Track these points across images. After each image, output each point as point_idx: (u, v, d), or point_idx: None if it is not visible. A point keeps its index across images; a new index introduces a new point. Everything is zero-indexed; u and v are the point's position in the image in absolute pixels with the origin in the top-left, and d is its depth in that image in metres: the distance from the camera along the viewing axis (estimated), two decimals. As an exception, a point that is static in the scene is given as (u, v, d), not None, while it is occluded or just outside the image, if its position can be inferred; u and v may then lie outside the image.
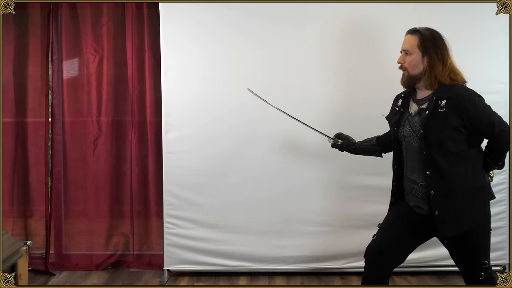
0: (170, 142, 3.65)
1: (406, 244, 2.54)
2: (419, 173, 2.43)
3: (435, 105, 2.38)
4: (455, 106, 2.35)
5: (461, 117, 2.34)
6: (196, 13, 3.61)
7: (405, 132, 2.48)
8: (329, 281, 3.66)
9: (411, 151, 2.47)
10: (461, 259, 2.49)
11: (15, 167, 3.96)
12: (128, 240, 4.01)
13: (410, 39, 2.48)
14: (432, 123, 2.37)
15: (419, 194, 2.45)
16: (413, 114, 2.48)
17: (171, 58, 3.62)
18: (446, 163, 2.36)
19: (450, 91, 2.38)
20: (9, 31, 3.87)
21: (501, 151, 2.45)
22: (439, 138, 2.36)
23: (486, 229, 2.45)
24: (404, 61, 2.48)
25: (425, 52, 2.44)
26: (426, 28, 2.50)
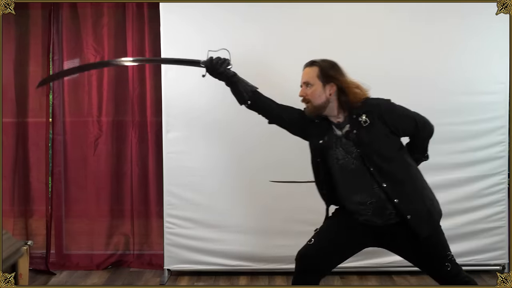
0: (170, 142, 3.66)
1: (343, 252, 2.55)
2: (366, 192, 2.41)
3: (357, 122, 2.42)
4: (377, 116, 2.41)
5: (385, 124, 2.41)
6: (196, 13, 3.61)
7: (339, 155, 2.46)
8: (329, 281, 3.66)
9: (350, 174, 2.44)
10: (426, 258, 2.49)
11: (16, 167, 3.97)
12: (129, 240, 4.01)
13: (309, 71, 2.51)
14: (365, 139, 2.40)
15: (369, 212, 2.43)
16: (340, 136, 2.47)
17: (171, 58, 3.62)
18: (392, 169, 2.40)
19: (364, 106, 2.44)
20: (10, 31, 3.88)
21: (426, 142, 2.57)
22: (377, 149, 2.39)
23: (439, 224, 2.50)
24: (306, 94, 2.50)
25: (325, 81, 2.46)
26: (323, 59, 2.53)
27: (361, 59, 3.58)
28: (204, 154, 3.66)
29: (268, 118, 2.69)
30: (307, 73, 2.52)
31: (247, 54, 3.61)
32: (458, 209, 3.64)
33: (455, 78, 3.62)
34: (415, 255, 2.51)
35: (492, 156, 3.62)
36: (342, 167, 2.45)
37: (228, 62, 2.65)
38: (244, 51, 3.61)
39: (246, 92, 2.64)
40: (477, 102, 3.62)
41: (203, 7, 3.61)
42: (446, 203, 3.61)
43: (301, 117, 2.60)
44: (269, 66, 3.61)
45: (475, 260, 3.66)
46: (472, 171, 3.63)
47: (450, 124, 3.60)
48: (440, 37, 3.59)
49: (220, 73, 2.64)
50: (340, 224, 2.53)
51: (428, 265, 2.50)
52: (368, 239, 2.52)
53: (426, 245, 2.44)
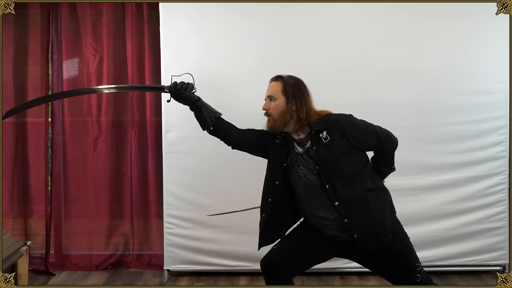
0: (170, 142, 3.66)
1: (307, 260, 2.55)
2: (327, 208, 2.42)
3: (317, 139, 2.42)
4: (338, 132, 2.40)
5: (347, 140, 2.39)
6: (196, 13, 3.61)
7: (300, 173, 2.46)
8: (329, 281, 3.66)
9: (313, 190, 2.44)
10: (392, 271, 2.51)
11: (15, 167, 3.97)
12: (128, 240, 4.01)
13: (274, 86, 2.50)
14: (323, 155, 2.39)
15: (333, 226, 2.43)
16: (301, 153, 2.47)
17: (171, 58, 3.61)
18: (349, 188, 2.39)
19: (325, 122, 2.43)
20: (9, 31, 3.88)
21: (391, 154, 2.57)
22: (335, 166, 2.38)
23: (401, 237, 2.49)
24: (269, 107, 2.49)
25: (288, 96, 2.46)
26: (289, 75, 2.52)
27: (361, 59, 3.59)
28: (204, 154, 3.65)
29: (230, 144, 2.68)
30: (272, 87, 2.51)
31: (247, 53, 3.61)
32: (458, 209, 3.64)
33: (455, 78, 3.62)
34: (382, 268, 2.52)
35: (492, 156, 3.62)
36: (305, 184, 2.46)
37: (192, 86, 2.62)
38: (245, 50, 3.62)
39: (209, 118, 2.62)
40: (477, 102, 3.62)
41: (203, 7, 3.60)
42: (446, 203, 3.65)
43: (262, 136, 2.60)
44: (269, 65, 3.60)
45: (475, 261, 3.66)
46: (472, 171, 3.63)
47: (450, 124, 3.60)
48: (440, 37, 3.58)
49: (184, 97, 2.60)
50: (306, 231, 2.54)
51: (396, 276, 2.51)
52: (333, 249, 2.53)
53: (391, 257, 2.46)
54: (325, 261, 2.60)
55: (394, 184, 3.52)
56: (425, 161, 3.61)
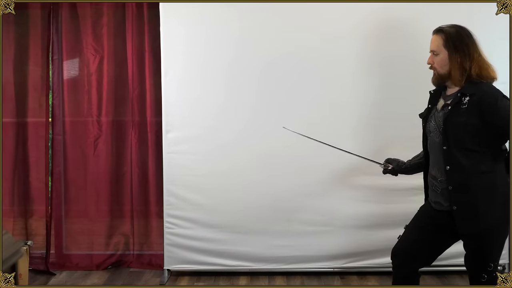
0: (170, 142, 3.66)
1: (431, 243, 2.55)
2: (439, 168, 2.45)
3: (458, 101, 2.40)
4: (477, 103, 2.35)
5: (481, 114, 2.34)
6: (196, 13, 3.61)
7: (431, 127, 2.51)
8: (329, 281, 3.66)
9: (434, 146, 2.49)
10: (470, 257, 2.49)
11: (16, 167, 3.97)
12: (128, 240, 4.01)
13: (436, 39, 2.50)
14: (453, 118, 2.39)
15: (438, 189, 2.47)
16: (438, 109, 2.50)
17: (171, 58, 3.62)
18: (465, 158, 2.37)
19: (475, 89, 2.38)
20: (9, 31, 3.88)
21: None
22: (459, 133, 2.37)
23: (502, 230, 2.44)
24: (433, 62, 2.51)
25: (452, 50, 2.44)
26: (451, 25, 2.50)
27: (360, 59, 3.59)
28: (204, 154, 3.65)
29: None
30: (433, 41, 2.50)
31: (247, 53, 3.61)
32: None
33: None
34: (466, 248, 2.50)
35: (492, 156, 3.62)
36: (431, 139, 2.50)
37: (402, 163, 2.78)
38: (245, 50, 3.62)
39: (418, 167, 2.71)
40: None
41: (203, 7, 3.60)
42: (446, 203, 3.64)
43: None
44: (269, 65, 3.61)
45: (475, 260, 3.65)
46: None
47: (450, 124, 3.60)
48: (440, 37, 3.58)
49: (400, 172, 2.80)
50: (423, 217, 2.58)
51: (469, 264, 2.51)
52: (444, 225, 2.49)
53: (469, 245, 2.45)
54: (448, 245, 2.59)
55: (394, 184, 3.55)
56: (425, 161, 3.61)
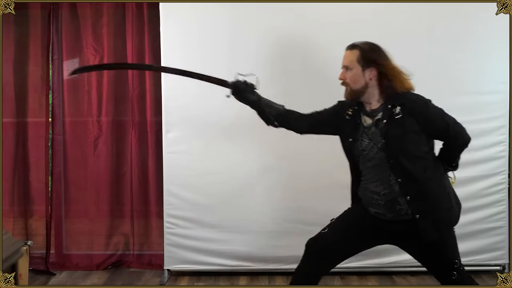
0: (170, 142, 3.66)
1: (353, 246, 2.56)
2: (381, 182, 2.43)
3: (390, 113, 2.40)
4: (409, 111, 2.37)
5: (417, 121, 2.37)
6: (196, 13, 3.61)
7: (363, 146, 2.47)
8: (329, 281, 3.65)
9: (372, 163, 2.45)
10: (431, 262, 2.50)
11: (16, 167, 3.97)
12: (128, 240, 4.01)
13: (349, 55, 2.48)
14: (392, 130, 2.38)
15: (380, 202, 2.44)
16: (368, 126, 2.47)
17: (171, 58, 3.61)
18: (414, 167, 2.38)
19: (401, 98, 2.41)
20: (9, 31, 3.88)
21: (455, 152, 2.51)
22: (402, 143, 2.37)
23: (452, 229, 2.48)
24: (345, 77, 2.49)
25: (365, 66, 2.44)
26: (365, 42, 2.51)
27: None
28: (204, 154, 3.65)
29: (297, 132, 2.72)
30: (346, 57, 2.50)
31: (248, 53, 3.61)
32: (458, 209, 3.64)
33: (455, 78, 3.61)
34: (421, 257, 2.52)
35: (492, 156, 3.62)
36: (365, 157, 2.47)
37: (254, 87, 2.67)
38: (245, 50, 3.62)
39: (271, 115, 2.66)
40: (477, 102, 3.62)
41: (203, 7, 3.60)
42: (446, 203, 3.65)
43: (331, 115, 2.63)
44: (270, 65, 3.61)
45: (475, 260, 3.66)
46: (472, 171, 3.62)
47: (450, 124, 3.60)
48: (440, 37, 3.58)
49: (245, 97, 2.66)
50: (354, 217, 2.56)
51: (433, 268, 2.52)
52: (378, 235, 2.52)
53: (431, 249, 2.44)
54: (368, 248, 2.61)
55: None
56: (425, 161, 3.61)
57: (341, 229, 2.55)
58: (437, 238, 2.40)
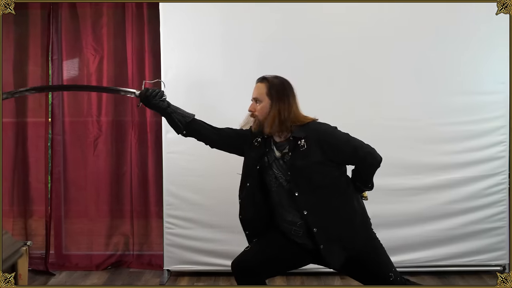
0: (170, 142, 3.65)
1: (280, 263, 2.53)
2: (295, 213, 2.43)
3: (295, 145, 2.41)
4: (314, 141, 2.38)
5: (323, 151, 2.37)
6: (196, 13, 3.61)
7: (277, 175, 2.47)
8: (329, 281, 3.66)
9: (284, 194, 2.45)
10: (365, 279, 2.52)
11: (15, 167, 3.97)
12: (128, 240, 4.01)
13: (259, 87, 2.49)
14: (297, 163, 2.39)
15: (299, 232, 2.44)
16: (278, 157, 2.47)
17: (171, 58, 3.62)
18: (320, 198, 2.39)
19: (305, 130, 2.41)
20: (9, 31, 3.88)
21: (369, 173, 2.50)
22: (307, 175, 2.38)
23: (374, 246, 2.49)
24: (254, 109, 2.49)
25: (273, 98, 2.44)
26: (275, 76, 2.51)
27: (359, 59, 3.59)
28: (204, 154, 3.61)
29: (207, 143, 2.69)
30: (257, 89, 2.50)
31: (247, 53, 3.61)
32: (458, 210, 3.64)
33: (455, 78, 3.62)
34: (356, 276, 2.54)
35: (492, 156, 3.62)
36: (278, 188, 2.46)
37: (162, 93, 2.64)
38: (245, 50, 3.62)
39: (180, 122, 2.62)
40: (477, 102, 3.62)
41: (203, 7, 3.60)
42: (446, 203, 3.65)
43: (240, 136, 2.61)
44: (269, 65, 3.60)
45: (475, 261, 3.66)
46: (472, 171, 3.63)
47: (450, 124, 3.60)
48: (440, 37, 3.58)
49: (154, 104, 2.62)
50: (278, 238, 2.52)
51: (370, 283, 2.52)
52: (306, 258, 2.52)
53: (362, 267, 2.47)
54: (300, 266, 2.59)
55: (394, 184, 3.56)
56: (425, 161, 3.61)
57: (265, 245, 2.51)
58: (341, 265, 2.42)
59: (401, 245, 3.58)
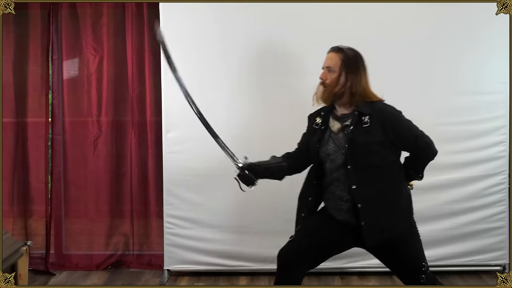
0: (170, 142, 3.65)
1: (326, 250, 2.56)
2: (344, 188, 2.45)
3: (358, 120, 2.43)
4: (378, 121, 2.40)
5: (385, 132, 2.39)
6: (196, 13, 3.61)
7: (329, 150, 2.49)
8: (329, 281, 3.66)
9: (336, 167, 2.47)
10: (397, 266, 2.53)
11: (15, 167, 3.97)
12: (128, 240, 4.01)
13: (334, 57, 2.50)
14: (357, 138, 2.41)
15: (344, 208, 2.46)
16: (336, 131, 2.49)
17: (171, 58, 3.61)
18: (370, 176, 2.41)
19: (371, 108, 2.44)
20: (9, 31, 3.87)
21: (423, 163, 2.53)
22: (364, 152, 2.40)
23: (412, 234, 2.50)
24: (326, 78, 2.49)
25: (347, 71, 2.46)
26: (350, 47, 2.52)
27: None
28: (204, 154, 3.64)
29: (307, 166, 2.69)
30: (331, 58, 2.50)
31: (248, 53, 3.61)
32: (458, 209, 3.64)
33: (455, 78, 3.62)
34: (389, 262, 2.54)
35: (492, 156, 3.62)
36: (331, 162, 2.48)
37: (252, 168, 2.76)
38: (245, 50, 3.62)
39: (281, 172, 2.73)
40: (477, 102, 3.62)
41: (203, 7, 3.60)
42: (446, 203, 3.65)
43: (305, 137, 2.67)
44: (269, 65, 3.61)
45: (475, 261, 3.66)
46: (472, 171, 3.63)
47: (450, 124, 3.60)
48: (440, 37, 3.58)
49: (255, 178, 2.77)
50: (321, 221, 2.55)
51: (400, 273, 2.53)
52: (347, 239, 2.52)
53: (398, 253, 2.47)
54: (342, 251, 2.62)
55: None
56: (425, 161, 3.61)
57: (309, 235, 2.54)
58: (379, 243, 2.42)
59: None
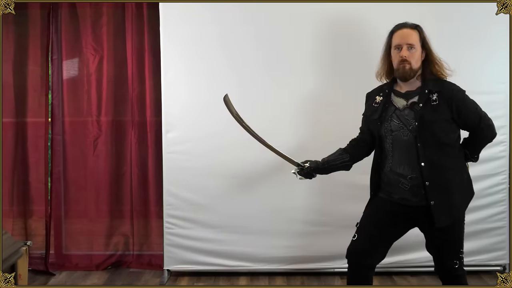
0: (170, 142, 3.65)
1: (387, 238, 2.61)
2: (409, 165, 2.47)
3: (427, 98, 2.46)
4: (446, 99, 2.45)
5: (451, 110, 2.45)
6: (196, 13, 3.60)
7: (393, 126, 2.51)
8: (329, 281, 3.66)
9: (400, 145, 2.50)
10: (440, 248, 2.55)
11: (15, 167, 3.96)
12: (128, 240, 4.01)
13: (412, 34, 2.53)
14: (426, 115, 2.44)
15: (406, 186, 2.49)
16: (401, 108, 2.51)
17: (171, 58, 3.61)
18: (439, 154, 2.45)
19: (440, 86, 2.49)
20: (9, 31, 3.87)
21: (481, 144, 2.60)
22: (433, 129, 2.44)
23: (462, 221, 2.56)
24: (408, 55, 2.51)
25: (423, 47, 2.54)
26: (417, 24, 2.58)
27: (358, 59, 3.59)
28: (204, 154, 3.65)
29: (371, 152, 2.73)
30: (410, 35, 2.52)
31: (248, 53, 3.61)
32: (458, 209, 3.63)
33: (455, 78, 3.58)
34: (430, 241, 2.57)
35: (492, 156, 3.61)
36: (394, 138, 2.51)
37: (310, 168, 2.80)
38: (245, 50, 3.62)
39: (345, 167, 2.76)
40: (477, 102, 3.60)
41: (203, 7, 3.60)
42: (446, 203, 3.64)
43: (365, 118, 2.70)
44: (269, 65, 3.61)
45: (475, 261, 3.66)
46: (472, 171, 3.55)
47: (450, 124, 3.60)
48: (440, 37, 3.56)
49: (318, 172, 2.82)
50: (377, 213, 2.59)
51: (438, 254, 2.56)
52: (404, 220, 2.56)
53: (441, 234, 2.49)
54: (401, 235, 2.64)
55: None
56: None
57: (369, 230, 2.58)
58: (448, 224, 2.45)
59: (401, 245, 3.52)
